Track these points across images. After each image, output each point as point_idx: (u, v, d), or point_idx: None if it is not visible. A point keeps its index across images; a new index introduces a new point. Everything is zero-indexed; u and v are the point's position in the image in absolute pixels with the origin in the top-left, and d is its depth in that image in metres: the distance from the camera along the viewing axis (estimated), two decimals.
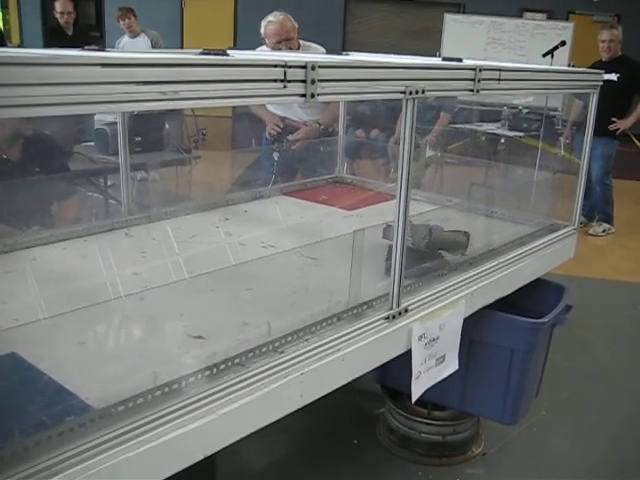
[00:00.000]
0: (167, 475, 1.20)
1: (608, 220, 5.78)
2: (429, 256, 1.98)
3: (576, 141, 5.66)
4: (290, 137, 3.91)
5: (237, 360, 1.38)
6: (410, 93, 1.51)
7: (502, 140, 6.25)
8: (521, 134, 6.17)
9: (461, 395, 2.36)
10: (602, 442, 2.70)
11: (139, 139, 4.08)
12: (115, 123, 3.15)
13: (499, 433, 2.62)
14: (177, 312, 1.66)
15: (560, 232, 2.54)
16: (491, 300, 2.12)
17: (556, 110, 6.72)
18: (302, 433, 2.59)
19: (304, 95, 1.27)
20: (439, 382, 1.92)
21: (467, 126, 6.44)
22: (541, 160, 3.97)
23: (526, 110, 6.49)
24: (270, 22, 3.64)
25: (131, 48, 6.73)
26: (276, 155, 3.81)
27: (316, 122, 3.95)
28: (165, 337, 1.57)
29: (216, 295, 1.78)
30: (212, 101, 1.16)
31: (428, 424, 2.47)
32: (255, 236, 2.28)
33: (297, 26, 3.69)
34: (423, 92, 1.55)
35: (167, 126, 4.75)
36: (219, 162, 4.83)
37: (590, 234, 5.67)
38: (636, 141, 6.87)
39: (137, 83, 1.02)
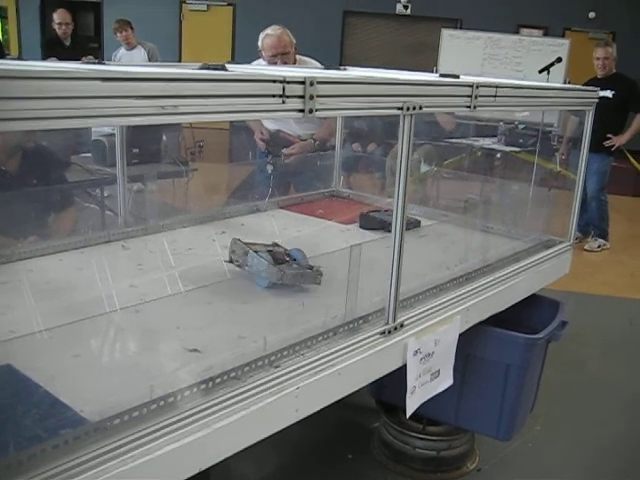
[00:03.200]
0: None
1: (603, 236, 5.80)
2: None
3: (572, 157, 5.69)
4: (285, 151, 3.92)
5: (233, 374, 1.38)
6: (407, 109, 1.52)
7: (498, 155, 6.28)
8: (517, 149, 6.20)
9: (456, 410, 2.36)
10: (596, 457, 2.70)
11: (136, 151, 4.09)
12: (112, 134, 3.16)
13: (494, 448, 2.61)
14: (173, 325, 1.65)
15: (556, 248, 2.55)
16: (486, 315, 2.12)
17: (552, 126, 6.76)
18: (296, 446, 2.58)
19: (302, 111, 1.28)
20: (434, 397, 1.92)
21: (463, 141, 6.47)
22: (537, 175, 3.98)
23: (522, 125, 6.51)
24: (268, 35, 3.67)
25: (128, 60, 6.75)
26: (270, 168, 3.81)
27: (311, 137, 3.96)
28: (161, 350, 1.56)
29: (212, 308, 1.78)
30: (211, 116, 1.17)
31: (423, 439, 2.46)
32: None
33: (294, 41, 3.71)
34: (420, 108, 1.56)
35: (165, 138, 4.76)
36: (216, 174, 4.83)
37: (585, 249, 5.69)
38: (630, 157, 6.92)
39: (137, 97, 1.03)
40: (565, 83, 7.33)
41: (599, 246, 5.75)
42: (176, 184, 4.33)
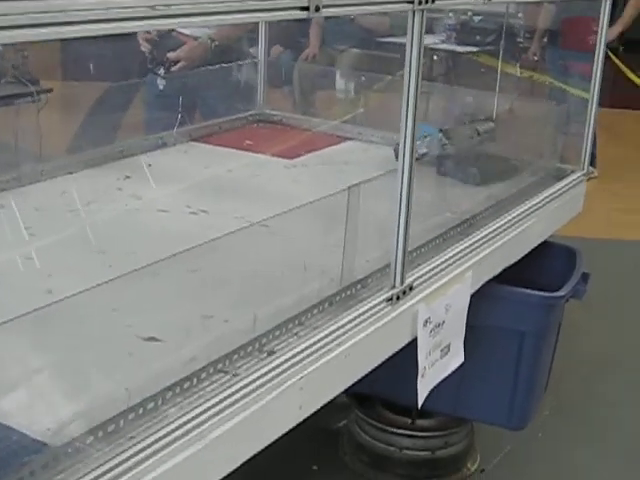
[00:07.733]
0: None
1: (591, 161, 6.05)
2: None
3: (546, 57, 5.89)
4: (169, 55, 3.86)
5: (220, 365, 1.41)
6: (419, 2, 1.57)
7: (435, 57, 6.30)
8: (474, 49, 6.29)
9: (455, 396, 2.43)
10: (622, 445, 2.88)
11: None
12: None
13: (496, 443, 2.74)
14: (107, 307, 1.65)
15: (568, 180, 2.68)
16: (499, 270, 2.23)
17: (516, 16, 6.90)
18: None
19: (307, 9, 1.30)
20: None
21: (401, 41, 6.51)
22: (503, 83, 4.11)
23: (478, 17, 6.60)
24: None
25: None
26: (162, 83, 3.75)
27: (209, 37, 3.93)
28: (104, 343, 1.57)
29: (151, 281, 1.78)
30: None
31: (412, 437, 2.56)
32: (175, 200, 2.28)
33: None
34: (433, 1, 1.61)
35: None
36: (79, 97, 4.69)
37: None
38: (614, 58, 7.19)
39: None
40: None
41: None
42: (21, 113, 4.18)
